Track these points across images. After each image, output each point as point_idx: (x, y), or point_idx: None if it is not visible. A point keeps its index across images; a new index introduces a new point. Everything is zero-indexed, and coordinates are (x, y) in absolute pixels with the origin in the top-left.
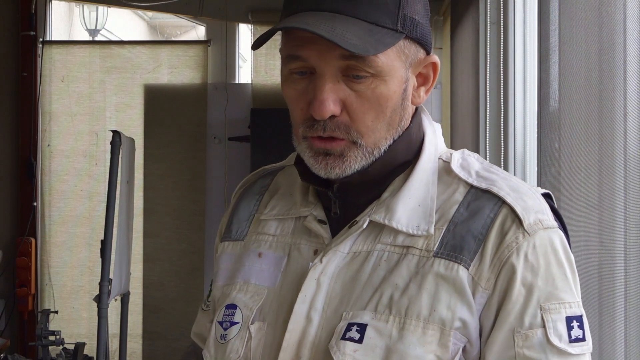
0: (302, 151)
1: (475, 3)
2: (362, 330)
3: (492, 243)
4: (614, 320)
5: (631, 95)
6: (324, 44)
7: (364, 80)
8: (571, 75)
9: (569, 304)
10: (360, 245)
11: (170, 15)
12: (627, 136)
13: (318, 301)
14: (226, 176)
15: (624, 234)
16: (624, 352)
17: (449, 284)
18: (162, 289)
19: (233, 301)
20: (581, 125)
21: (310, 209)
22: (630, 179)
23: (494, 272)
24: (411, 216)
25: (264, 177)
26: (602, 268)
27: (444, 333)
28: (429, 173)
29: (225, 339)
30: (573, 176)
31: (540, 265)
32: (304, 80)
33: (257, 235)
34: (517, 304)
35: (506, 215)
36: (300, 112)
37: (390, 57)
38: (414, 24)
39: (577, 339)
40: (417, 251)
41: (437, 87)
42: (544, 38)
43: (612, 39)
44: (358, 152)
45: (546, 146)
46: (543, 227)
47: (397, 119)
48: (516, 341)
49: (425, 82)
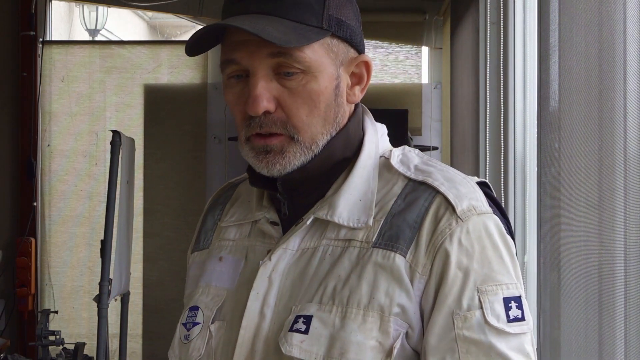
0: (246, 154)
1: (475, 3)
2: (308, 322)
3: (426, 230)
4: (614, 320)
5: (631, 95)
6: (254, 45)
7: (294, 77)
8: (571, 75)
9: (506, 285)
10: (307, 242)
11: (170, 15)
12: (627, 136)
13: (270, 297)
14: (226, 176)
15: (624, 234)
16: (624, 352)
17: (386, 272)
18: (162, 289)
19: (195, 303)
20: (581, 125)
21: (264, 212)
22: (630, 179)
23: (429, 258)
24: (352, 210)
25: (229, 190)
26: (602, 268)
27: (384, 319)
28: (369, 169)
29: (188, 339)
30: (573, 176)
31: (475, 249)
32: (240, 84)
33: (219, 242)
34: (454, 287)
35: (440, 203)
36: (240, 115)
37: (318, 53)
38: (340, 25)
39: (516, 318)
40: (358, 243)
41: (437, 87)
42: (544, 38)
43: (612, 39)
44: (297, 148)
45: (546, 146)
46: (477, 213)
47: (332, 114)
48: (456, 323)
49: (359, 81)
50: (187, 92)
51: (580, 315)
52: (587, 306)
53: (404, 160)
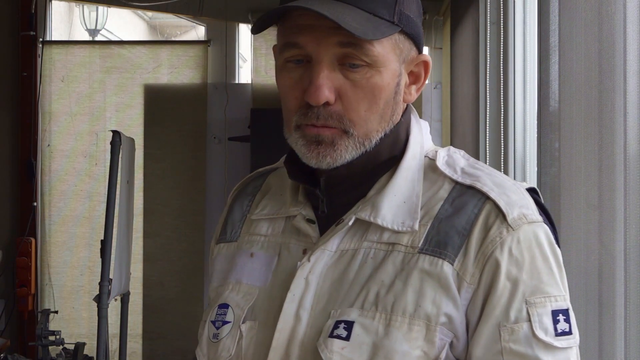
0: (294, 141)
1: (475, 3)
2: (349, 328)
3: (476, 238)
4: (614, 320)
5: (631, 95)
6: (322, 31)
7: (359, 70)
8: (571, 75)
9: (554, 298)
10: (347, 243)
11: (170, 15)
12: (627, 136)
13: (307, 300)
14: (226, 176)
15: (624, 234)
16: (624, 352)
17: (433, 280)
18: (162, 289)
19: (225, 301)
20: (581, 125)
21: (299, 209)
22: (630, 179)
23: (479, 267)
24: (396, 213)
25: (257, 179)
26: (602, 268)
27: (430, 328)
28: (414, 170)
29: (217, 338)
30: (573, 176)
31: (525, 259)
32: (299, 69)
33: (249, 236)
34: (503, 298)
35: (490, 210)
36: (294, 101)
37: (386, 48)
38: (409, 21)
39: (564, 332)
40: (403, 248)
41: (437, 87)
42: (544, 38)
43: (612, 39)
44: (349, 142)
45: (546, 146)
46: (527, 222)
47: (389, 112)
48: (502, 335)
49: (416, 80)
50: (187, 92)
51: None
52: (587, 306)
53: (449, 162)
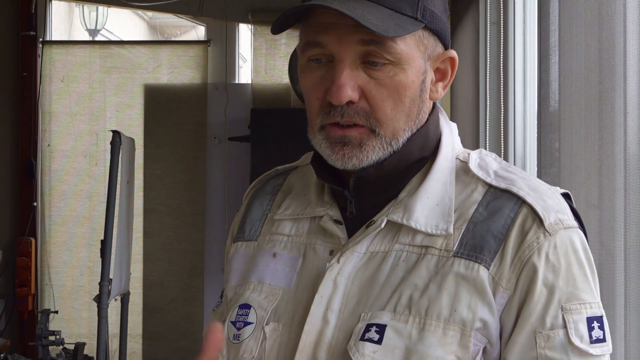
0: (318, 143)
1: (475, 3)
2: (381, 331)
3: (512, 243)
4: (614, 320)
5: (631, 95)
6: (344, 30)
7: (382, 68)
8: (571, 75)
9: (589, 305)
10: (377, 245)
11: (170, 15)
12: (627, 136)
13: (335, 302)
14: (226, 176)
15: (624, 234)
16: (624, 352)
17: (469, 284)
18: (162, 289)
19: (247, 301)
20: (581, 125)
21: (326, 209)
22: (630, 179)
23: (515, 272)
24: (429, 216)
25: (276, 177)
26: (602, 268)
27: (465, 334)
28: (446, 172)
29: (238, 339)
30: (573, 176)
31: (562, 266)
32: (321, 69)
33: (271, 235)
34: (539, 304)
35: (527, 214)
36: (317, 102)
37: (410, 45)
38: (433, 17)
39: (598, 339)
40: (436, 251)
41: None
42: (544, 38)
43: (612, 39)
44: (376, 142)
45: (546, 146)
46: (564, 227)
47: (416, 110)
48: (538, 342)
49: (443, 77)
50: (187, 92)
51: None
52: None
53: (482, 165)
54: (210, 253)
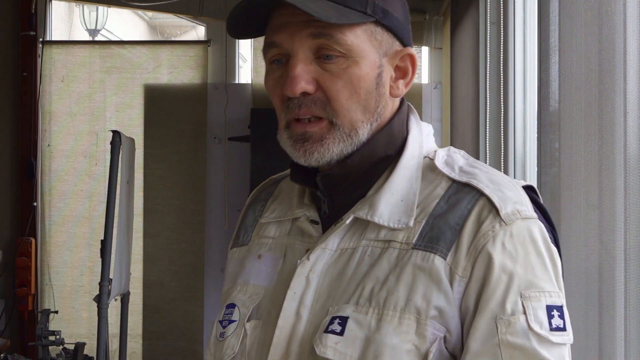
0: (284, 142)
1: (475, 3)
2: (343, 323)
3: (468, 232)
4: (614, 320)
5: (631, 95)
6: (295, 27)
7: (335, 60)
8: (571, 75)
9: (549, 293)
10: (347, 242)
11: (170, 15)
12: (627, 136)
13: (307, 298)
14: (226, 176)
15: (624, 234)
16: (624, 352)
17: (425, 274)
18: (162, 289)
19: (233, 301)
20: (581, 125)
21: (304, 210)
22: (630, 179)
23: (470, 260)
24: (393, 211)
25: (271, 186)
26: (602, 268)
27: (420, 322)
28: (412, 169)
29: (223, 337)
30: (573, 176)
31: (519, 254)
32: (280, 69)
33: (259, 239)
34: (498, 290)
35: (483, 205)
36: (278, 99)
37: (361, 38)
38: (386, 14)
39: (558, 328)
40: (398, 244)
41: (437, 87)
42: (544, 38)
43: (612, 39)
44: (336, 134)
45: (546, 146)
46: (521, 217)
47: (373, 103)
48: (499, 328)
49: (404, 75)
50: (187, 92)
51: (580, 315)
52: (587, 306)
53: (448, 162)
54: (210, 253)
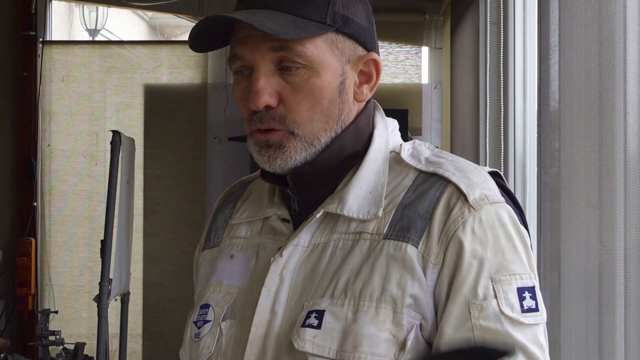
0: (250, 148)
1: (475, 3)
2: (320, 317)
3: (438, 219)
4: (614, 320)
5: (631, 95)
6: (256, 40)
7: (296, 72)
8: (571, 75)
9: (519, 275)
10: (318, 237)
11: (170, 15)
12: (627, 136)
13: (282, 294)
14: (226, 176)
15: (624, 234)
16: (623, 352)
17: (398, 263)
18: (162, 289)
19: (207, 301)
20: (581, 125)
21: (275, 209)
22: (630, 179)
23: (442, 247)
24: (362, 203)
25: (240, 188)
26: (602, 268)
27: (396, 311)
28: (379, 162)
29: (198, 337)
30: (573, 176)
31: (489, 238)
32: (245, 80)
33: (230, 240)
34: (469, 276)
35: (451, 192)
36: (244, 110)
37: (321, 49)
38: (347, 22)
39: (530, 309)
40: (369, 235)
41: (437, 87)
42: (544, 38)
43: (612, 39)
44: (297, 143)
45: (546, 146)
46: (489, 202)
47: (336, 112)
48: (472, 313)
49: (368, 79)
50: (187, 92)
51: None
52: (587, 306)
53: (414, 154)
54: None
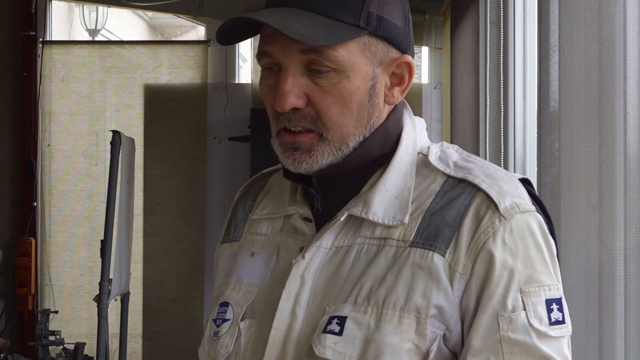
0: (275, 147)
1: (475, 3)
2: (342, 323)
3: (467, 229)
4: (614, 320)
5: (631, 95)
6: (286, 40)
7: (326, 75)
8: (571, 75)
9: (548, 287)
10: (342, 240)
11: (170, 15)
12: (627, 136)
13: (303, 297)
14: (226, 176)
15: (624, 234)
16: (624, 352)
17: (424, 272)
18: (162, 289)
19: (226, 299)
20: (581, 125)
21: (297, 208)
22: (630, 179)
23: (471, 258)
24: (388, 208)
25: (261, 180)
26: (602, 268)
27: (420, 321)
28: (406, 165)
29: (217, 336)
30: (573, 176)
31: (519, 248)
32: (274, 76)
33: (250, 236)
34: (499, 287)
35: (481, 201)
36: (270, 108)
37: (353, 52)
38: (381, 23)
39: (557, 321)
40: (394, 242)
41: (437, 87)
42: (544, 38)
43: (612, 39)
44: (325, 147)
45: (546, 146)
46: (520, 211)
47: (366, 116)
48: (500, 325)
49: (400, 82)
50: (187, 92)
51: (580, 315)
52: (587, 306)
53: (442, 157)
54: (210, 253)
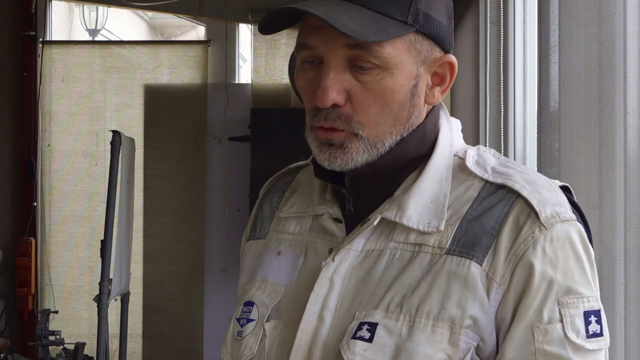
0: (310, 142)
1: (475, 3)
2: (372, 330)
3: (506, 237)
4: (614, 320)
5: (631, 95)
6: (330, 32)
7: (369, 72)
8: (571, 75)
9: (587, 298)
10: (373, 243)
11: (170, 15)
12: (627, 136)
13: (331, 300)
14: (226, 176)
15: (624, 234)
16: (624, 352)
17: (460, 281)
18: (162, 289)
19: (251, 298)
20: (581, 125)
21: (327, 208)
22: (630, 179)
23: (510, 268)
24: (422, 213)
25: (288, 175)
26: (602, 268)
27: (454, 332)
28: (442, 169)
29: (241, 336)
30: (573, 176)
31: (559, 259)
32: (313, 70)
33: (277, 234)
34: (537, 298)
35: (521, 208)
36: (308, 102)
37: (399, 49)
38: (428, 20)
39: (595, 334)
40: (429, 249)
41: None
42: (544, 38)
43: (612, 39)
44: (359, 145)
45: (546, 146)
46: (560, 220)
47: (405, 115)
48: (536, 336)
49: (441, 82)
50: (187, 92)
51: None
52: None
53: (479, 162)
54: (210, 253)
